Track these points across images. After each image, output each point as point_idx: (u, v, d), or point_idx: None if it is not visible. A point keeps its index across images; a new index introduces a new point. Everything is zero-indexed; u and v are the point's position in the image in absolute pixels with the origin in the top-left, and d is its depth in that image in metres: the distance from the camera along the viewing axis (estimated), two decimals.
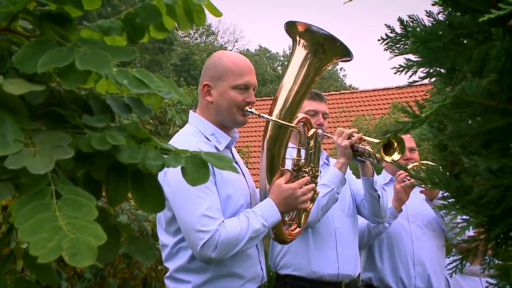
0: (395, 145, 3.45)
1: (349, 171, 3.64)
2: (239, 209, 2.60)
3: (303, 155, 2.92)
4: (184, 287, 2.55)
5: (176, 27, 1.23)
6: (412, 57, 1.53)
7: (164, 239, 2.63)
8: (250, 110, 2.68)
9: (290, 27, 2.90)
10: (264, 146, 2.79)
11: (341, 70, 43.92)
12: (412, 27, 1.56)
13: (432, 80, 1.51)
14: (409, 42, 1.55)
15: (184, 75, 31.65)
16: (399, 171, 3.82)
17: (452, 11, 1.47)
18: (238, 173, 2.36)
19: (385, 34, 1.60)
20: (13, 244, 3.74)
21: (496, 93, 1.25)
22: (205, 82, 2.73)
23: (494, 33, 1.24)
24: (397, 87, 1.90)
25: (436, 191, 3.75)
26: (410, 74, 1.52)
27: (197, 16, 1.20)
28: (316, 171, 2.93)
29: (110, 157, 0.94)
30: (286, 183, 2.74)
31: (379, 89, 18.97)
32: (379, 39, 1.62)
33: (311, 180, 2.86)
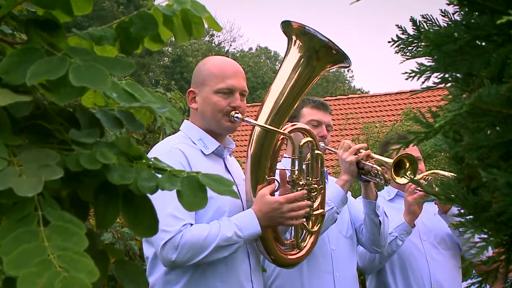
0: (407, 165, 3.43)
1: None
2: (221, 216, 2.63)
3: (297, 166, 2.91)
4: None
5: None
6: (425, 61, 1.54)
7: (146, 250, 2.70)
8: (237, 115, 2.73)
9: (286, 27, 2.95)
10: (248, 154, 2.83)
11: (348, 71, 43.89)
12: (425, 28, 1.57)
13: (447, 86, 1.52)
14: (422, 44, 1.57)
15: (177, 77, 31.59)
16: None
17: (468, 11, 1.48)
18: (238, 198, 2.38)
19: (396, 36, 1.61)
20: None
21: None
22: (190, 89, 2.85)
23: None
24: (412, 91, 1.92)
25: None
26: (423, 80, 1.53)
27: (195, 29, 1.22)
28: (313, 185, 2.91)
29: (99, 176, 0.94)
30: (272, 194, 2.75)
31: (391, 93, 18.93)
32: (389, 41, 1.63)
33: (308, 196, 2.84)
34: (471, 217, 1.40)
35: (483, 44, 1.45)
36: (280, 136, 2.83)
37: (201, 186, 0.97)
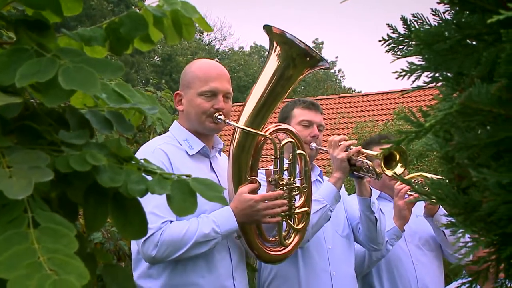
0: (397, 157, 3.45)
1: (342, 188, 3.62)
2: (202, 213, 2.73)
3: (278, 166, 2.99)
4: None
5: None
6: (415, 60, 1.55)
7: (132, 245, 2.86)
8: (220, 117, 2.85)
9: (267, 31, 3.03)
10: (230, 154, 2.92)
11: (339, 72, 43.92)
12: (416, 27, 1.58)
13: (438, 85, 1.53)
14: (412, 43, 1.57)
15: (166, 78, 31.50)
16: (394, 185, 3.79)
17: (459, 10, 1.49)
18: (227, 205, 2.54)
19: (387, 35, 1.62)
20: None
21: (506, 100, 1.27)
22: (177, 92, 3.01)
23: (504, 35, 1.25)
24: (403, 90, 1.92)
25: (437, 206, 3.72)
26: (414, 79, 1.54)
27: (186, 30, 1.23)
28: (294, 185, 3.00)
29: (89, 177, 0.95)
30: (253, 192, 2.85)
31: (383, 92, 18.97)
32: (380, 40, 1.64)
33: (289, 195, 2.95)
34: (461, 216, 1.41)
35: (473, 43, 1.45)
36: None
37: (191, 191, 0.98)
